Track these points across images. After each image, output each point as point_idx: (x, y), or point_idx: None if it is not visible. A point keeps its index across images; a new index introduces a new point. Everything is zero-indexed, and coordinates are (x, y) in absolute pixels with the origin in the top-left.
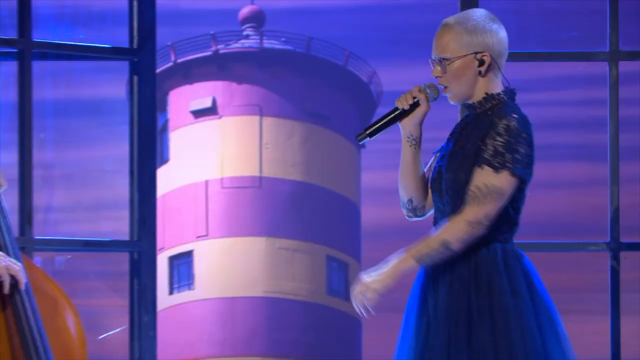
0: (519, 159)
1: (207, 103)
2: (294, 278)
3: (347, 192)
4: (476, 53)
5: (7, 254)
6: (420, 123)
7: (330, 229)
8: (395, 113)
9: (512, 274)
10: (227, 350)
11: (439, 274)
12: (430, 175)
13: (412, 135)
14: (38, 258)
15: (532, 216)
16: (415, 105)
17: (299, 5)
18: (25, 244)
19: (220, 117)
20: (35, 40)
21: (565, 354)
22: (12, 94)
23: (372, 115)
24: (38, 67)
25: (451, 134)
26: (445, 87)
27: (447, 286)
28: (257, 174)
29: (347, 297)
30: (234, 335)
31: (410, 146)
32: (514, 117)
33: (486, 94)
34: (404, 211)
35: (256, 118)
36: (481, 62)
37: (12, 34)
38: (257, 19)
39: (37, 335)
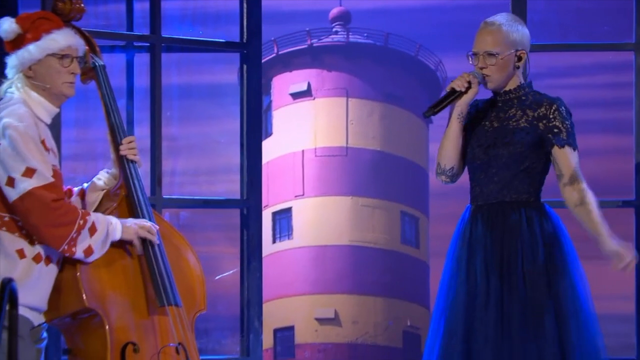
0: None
1: (303, 87)
2: (374, 230)
3: (418, 160)
4: (517, 50)
5: (141, 210)
6: (469, 103)
7: (404, 189)
8: (455, 94)
9: (556, 227)
10: (319, 288)
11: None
12: (473, 149)
13: (462, 113)
14: (166, 213)
15: None
16: (468, 88)
17: (379, 6)
18: (155, 202)
19: (314, 99)
20: (164, 36)
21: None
22: (144, 81)
23: (438, 96)
24: (166, 57)
25: (474, 114)
26: (488, 76)
27: (512, 243)
28: (344, 144)
29: (417, 245)
30: (325, 277)
31: (460, 122)
32: (563, 103)
33: (520, 82)
34: (442, 177)
35: (343, 99)
36: (519, 58)
37: (145, 31)
38: (345, 18)
39: (165, 275)
